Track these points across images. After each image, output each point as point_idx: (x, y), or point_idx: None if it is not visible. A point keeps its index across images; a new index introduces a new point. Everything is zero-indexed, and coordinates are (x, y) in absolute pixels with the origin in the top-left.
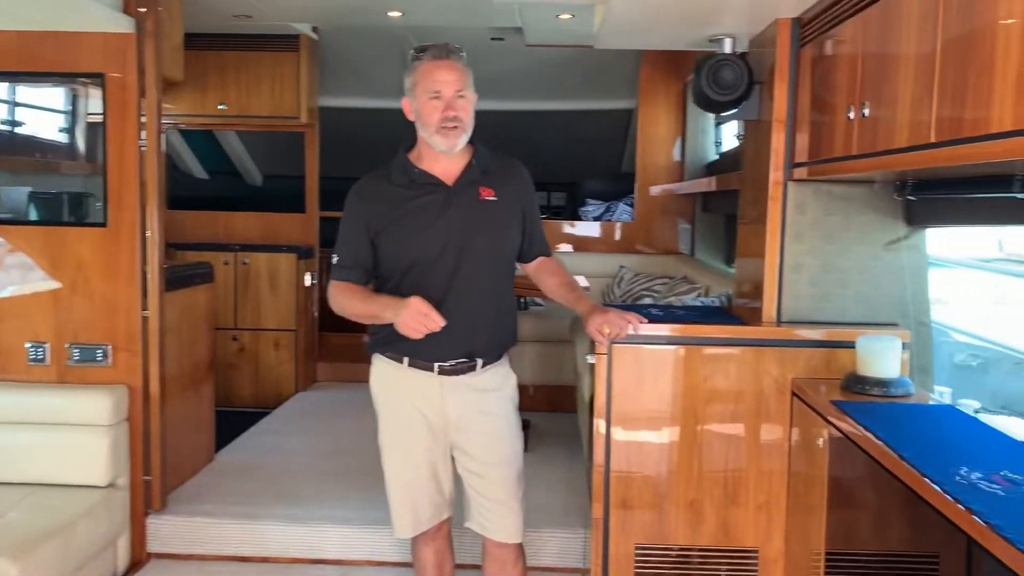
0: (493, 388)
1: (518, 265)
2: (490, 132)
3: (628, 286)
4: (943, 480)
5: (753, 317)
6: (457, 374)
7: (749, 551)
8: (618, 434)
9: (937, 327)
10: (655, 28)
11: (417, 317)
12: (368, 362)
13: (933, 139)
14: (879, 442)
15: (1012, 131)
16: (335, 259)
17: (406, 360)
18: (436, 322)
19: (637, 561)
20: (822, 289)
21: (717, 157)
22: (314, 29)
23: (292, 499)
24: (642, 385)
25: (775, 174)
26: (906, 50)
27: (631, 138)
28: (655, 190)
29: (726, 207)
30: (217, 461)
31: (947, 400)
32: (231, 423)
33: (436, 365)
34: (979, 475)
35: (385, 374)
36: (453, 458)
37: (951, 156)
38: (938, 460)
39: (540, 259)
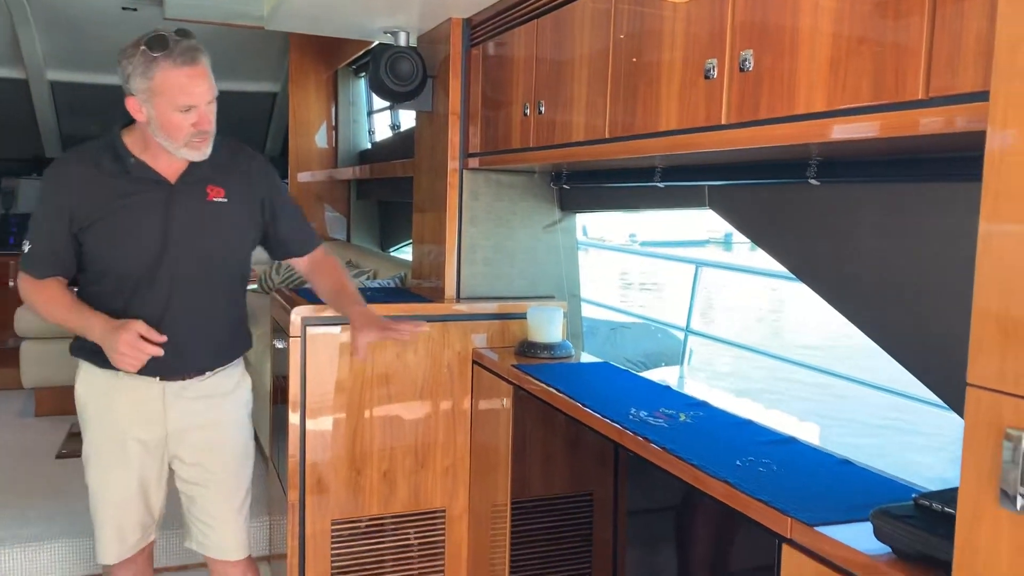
0: (224, 392)
1: (292, 263)
2: (119, 110)
3: (288, 272)
4: (623, 420)
5: (435, 295)
6: (183, 379)
7: (437, 512)
8: (312, 421)
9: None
10: (333, 15)
11: (133, 349)
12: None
13: (607, 135)
14: (564, 396)
15: (676, 129)
16: (26, 247)
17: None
18: (154, 349)
19: (333, 536)
20: (494, 268)
21: (370, 146)
22: None
23: None
24: (336, 367)
25: (452, 163)
26: (580, 58)
27: (275, 122)
28: (306, 176)
29: (379, 194)
30: None
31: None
32: None
33: (157, 375)
34: (645, 413)
35: (95, 381)
36: (172, 470)
37: (624, 150)
38: (613, 405)
39: (313, 257)
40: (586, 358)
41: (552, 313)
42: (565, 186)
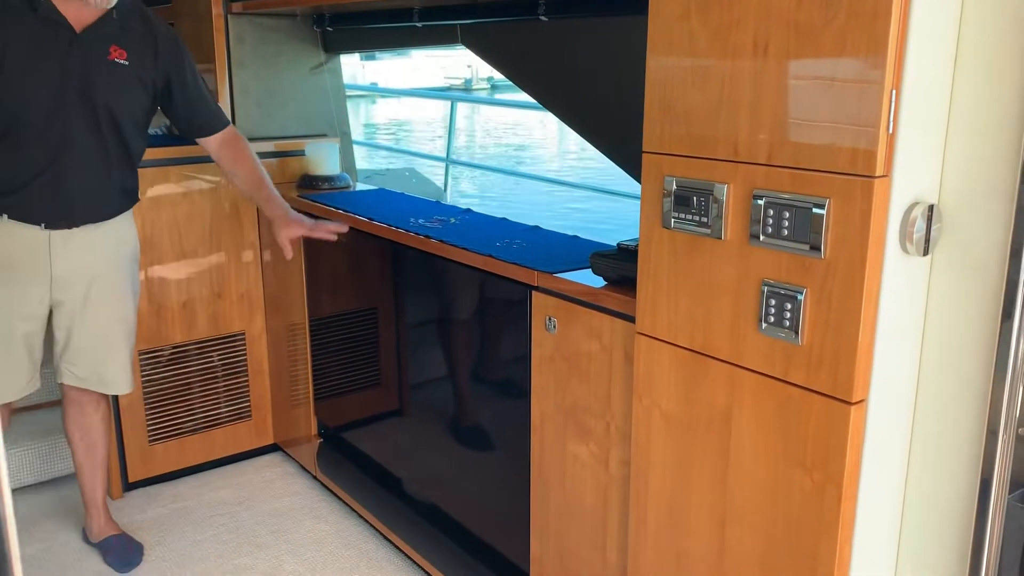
0: (109, 241)
1: (202, 144)
2: None
3: None
4: (408, 226)
5: None
6: (68, 227)
7: (237, 335)
8: None
9: None
10: None
11: None
12: None
13: None
14: (352, 214)
15: None
16: None
17: (5, 215)
18: None
19: (142, 364)
20: (266, 109)
21: None
22: None
23: None
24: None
25: (216, 9)
26: None
27: None
28: None
29: None
30: None
31: None
32: None
33: (43, 222)
34: (423, 220)
35: None
36: (52, 313)
37: None
38: (394, 218)
39: (223, 137)
40: (362, 186)
41: (329, 148)
42: (328, 28)
